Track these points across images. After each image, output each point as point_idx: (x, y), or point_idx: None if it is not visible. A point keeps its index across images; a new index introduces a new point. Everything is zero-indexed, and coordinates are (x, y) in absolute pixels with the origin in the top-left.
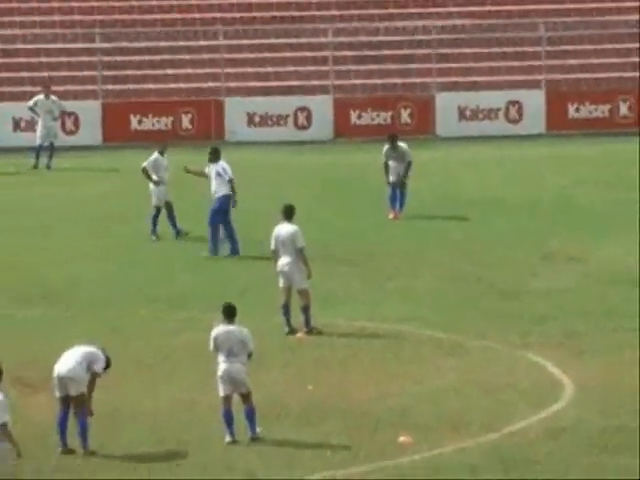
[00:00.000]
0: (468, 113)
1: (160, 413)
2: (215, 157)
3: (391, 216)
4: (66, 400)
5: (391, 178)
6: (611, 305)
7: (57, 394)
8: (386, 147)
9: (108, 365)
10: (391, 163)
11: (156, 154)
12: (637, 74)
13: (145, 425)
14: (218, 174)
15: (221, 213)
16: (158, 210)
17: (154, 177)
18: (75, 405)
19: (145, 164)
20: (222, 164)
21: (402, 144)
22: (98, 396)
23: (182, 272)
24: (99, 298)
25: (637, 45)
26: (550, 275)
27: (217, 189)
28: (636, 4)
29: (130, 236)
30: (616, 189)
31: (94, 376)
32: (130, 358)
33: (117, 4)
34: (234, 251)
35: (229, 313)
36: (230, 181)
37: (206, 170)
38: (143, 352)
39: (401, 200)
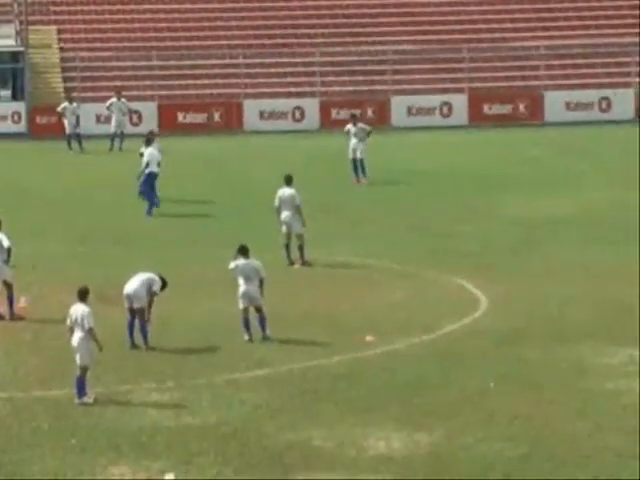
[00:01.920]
0: (414, 110)
1: (199, 320)
2: (149, 143)
3: (354, 181)
4: (132, 311)
5: (351, 155)
6: (514, 245)
7: (126, 306)
8: (349, 125)
9: (164, 286)
10: (352, 140)
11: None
12: (531, 83)
13: (188, 328)
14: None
15: (152, 183)
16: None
17: None
18: (138, 315)
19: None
20: (155, 147)
21: (361, 123)
22: (155, 309)
23: (212, 223)
24: (156, 240)
25: (532, 63)
26: (472, 223)
27: (150, 167)
28: (530, 34)
29: (174, 197)
30: (512, 164)
31: (153, 295)
32: (178, 282)
33: (168, 34)
34: (150, 211)
35: (244, 251)
36: (158, 163)
37: (142, 151)
38: (188, 278)
39: (363, 170)
